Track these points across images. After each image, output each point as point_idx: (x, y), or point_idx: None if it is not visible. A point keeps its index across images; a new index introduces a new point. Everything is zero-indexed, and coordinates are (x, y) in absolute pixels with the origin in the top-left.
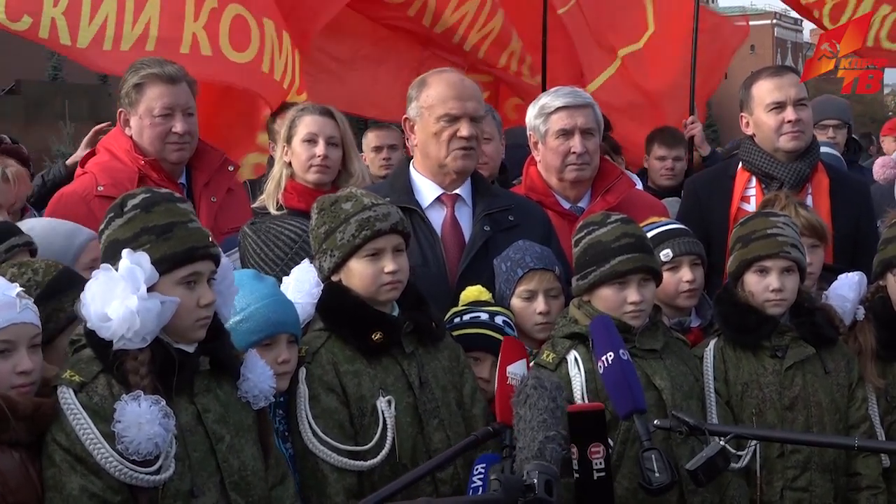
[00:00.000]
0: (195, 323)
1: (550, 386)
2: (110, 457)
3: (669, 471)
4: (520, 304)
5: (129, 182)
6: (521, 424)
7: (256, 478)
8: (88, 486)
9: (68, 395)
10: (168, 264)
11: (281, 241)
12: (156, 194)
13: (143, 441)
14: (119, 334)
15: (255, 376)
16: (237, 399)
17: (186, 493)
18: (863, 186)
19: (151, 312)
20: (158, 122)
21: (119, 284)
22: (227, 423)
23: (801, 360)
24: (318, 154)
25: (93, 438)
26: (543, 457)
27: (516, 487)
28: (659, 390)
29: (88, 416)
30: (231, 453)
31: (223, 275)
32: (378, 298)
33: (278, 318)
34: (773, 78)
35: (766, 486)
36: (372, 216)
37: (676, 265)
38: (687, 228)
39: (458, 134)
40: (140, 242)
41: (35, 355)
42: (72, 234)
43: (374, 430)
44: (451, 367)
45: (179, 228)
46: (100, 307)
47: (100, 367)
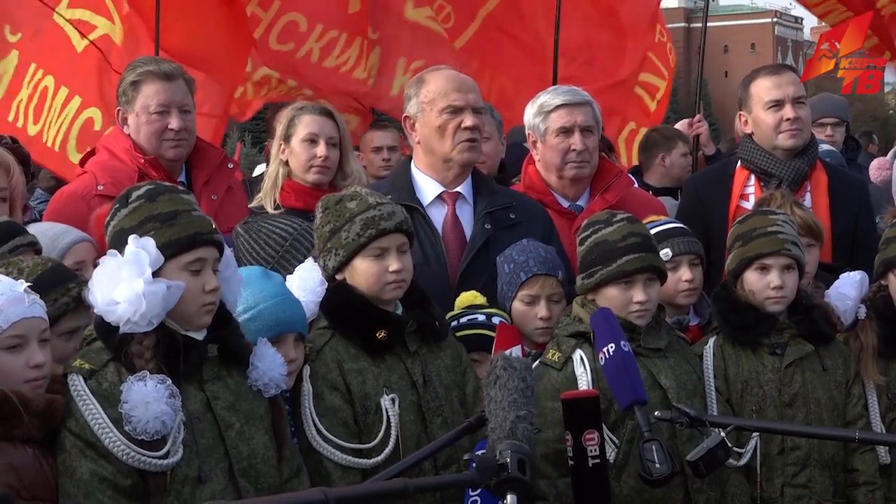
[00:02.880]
0: (201, 308)
1: (520, 366)
2: (118, 441)
3: (670, 462)
4: (521, 308)
5: (129, 181)
6: (492, 405)
7: (267, 466)
8: (99, 470)
9: (78, 381)
10: (173, 249)
11: (272, 240)
12: (160, 186)
13: (150, 420)
14: (125, 318)
15: (264, 364)
16: (248, 388)
17: (194, 478)
18: (861, 184)
19: (157, 296)
20: (154, 119)
21: (125, 268)
22: (237, 411)
23: (800, 357)
24: (320, 155)
25: (101, 424)
26: (515, 436)
27: (490, 467)
28: (664, 389)
29: (98, 401)
30: (241, 440)
31: (226, 263)
32: (382, 297)
33: (286, 318)
34: (772, 76)
35: (766, 482)
36: (377, 215)
37: (676, 264)
38: (686, 228)
39: (462, 125)
40: (146, 230)
41: (45, 349)
42: (58, 236)
43: (378, 428)
44: (453, 366)
45: (183, 216)
46: (107, 292)
47: (109, 356)
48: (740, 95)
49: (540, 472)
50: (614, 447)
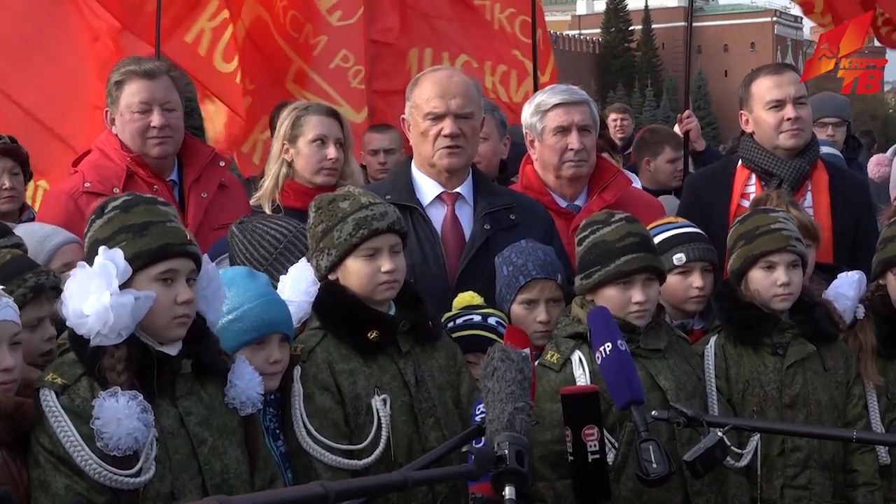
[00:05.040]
0: (172, 321)
1: (517, 358)
2: (90, 459)
3: (667, 462)
4: (520, 311)
5: (116, 179)
6: (489, 397)
7: (240, 480)
8: (73, 485)
9: (50, 397)
10: (143, 260)
11: (266, 241)
12: (137, 197)
13: (122, 436)
14: (95, 330)
15: (242, 383)
16: (221, 401)
17: (167, 494)
18: (862, 184)
19: (125, 307)
20: (137, 117)
21: (93, 281)
22: (210, 426)
23: (801, 358)
24: (330, 157)
25: (73, 441)
26: (513, 428)
27: (488, 459)
28: (663, 390)
29: (70, 418)
30: (214, 456)
31: (209, 279)
32: (375, 297)
33: (271, 319)
34: (773, 76)
35: (766, 483)
36: (369, 215)
37: (688, 270)
38: (703, 234)
39: (442, 132)
40: (117, 241)
41: (16, 353)
42: (46, 237)
43: (370, 429)
44: (447, 367)
45: (156, 227)
46: (77, 304)
47: (82, 370)
48: (741, 94)
49: (538, 474)
50: (613, 449)
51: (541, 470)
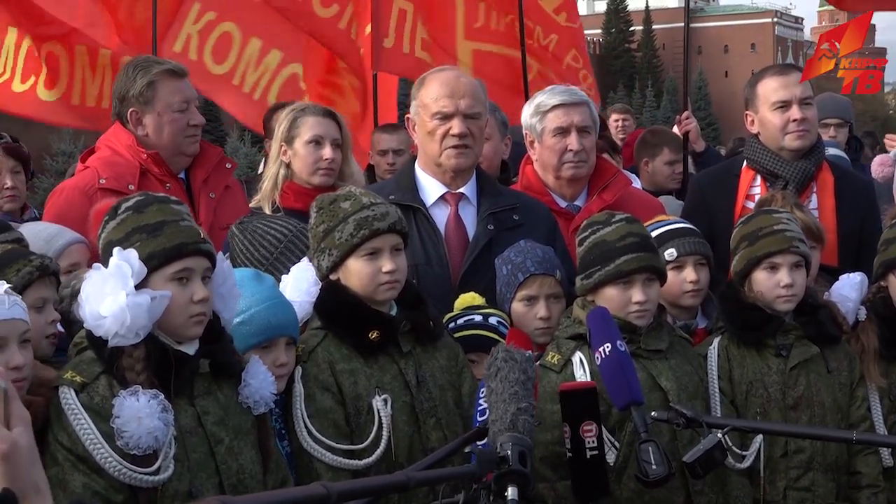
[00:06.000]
0: (189, 319)
1: (521, 358)
2: (110, 457)
3: (666, 463)
4: (521, 308)
5: (131, 175)
6: (492, 397)
7: (254, 481)
8: (91, 483)
9: (69, 395)
10: (158, 260)
11: (266, 241)
12: (149, 196)
13: (143, 435)
14: (113, 331)
15: (256, 382)
16: (237, 402)
17: (185, 493)
18: (867, 186)
19: (141, 307)
20: (178, 116)
21: (109, 282)
22: (226, 426)
23: (805, 359)
24: (326, 157)
25: (93, 439)
26: (516, 428)
27: (491, 459)
28: (665, 391)
29: (89, 416)
30: (230, 456)
31: (224, 277)
32: (376, 298)
33: (278, 322)
34: (779, 76)
35: (769, 485)
36: (370, 215)
37: (681, 265)
38: (694, 228)
39: (450, 132)
40: (131, 241)
41: (26, 351)
42: (52, 237)
43: (370, 429)
44: (449, 367)
45: (170, 226)
46: (94, 306)
47: (101, 368)
48: (747, 95)
49: (539, 474)
50: (615, 449)
51: (541, 471)
